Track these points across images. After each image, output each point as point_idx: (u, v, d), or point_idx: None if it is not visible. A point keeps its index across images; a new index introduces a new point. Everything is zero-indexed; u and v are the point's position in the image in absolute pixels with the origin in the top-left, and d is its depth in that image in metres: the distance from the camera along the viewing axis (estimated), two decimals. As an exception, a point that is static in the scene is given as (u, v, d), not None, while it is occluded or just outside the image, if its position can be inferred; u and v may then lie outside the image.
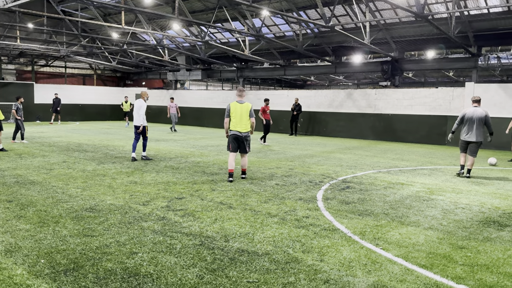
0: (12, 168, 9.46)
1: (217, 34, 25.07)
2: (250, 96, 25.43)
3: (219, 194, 7.37)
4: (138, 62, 30.55)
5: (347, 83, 43.23)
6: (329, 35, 20.91)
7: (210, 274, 3.98)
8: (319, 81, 43.52)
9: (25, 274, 3.87)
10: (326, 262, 4.33)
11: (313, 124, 22.20)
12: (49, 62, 31.07)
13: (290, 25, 21.47)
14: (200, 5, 21.71)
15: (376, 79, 37.49)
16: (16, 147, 13.39)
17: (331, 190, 7.91)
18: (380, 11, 18.42)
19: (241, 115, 8.48)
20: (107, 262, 4.18)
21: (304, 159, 12.19)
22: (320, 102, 22.03)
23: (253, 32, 19.43)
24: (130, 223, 5.49)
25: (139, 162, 10.84)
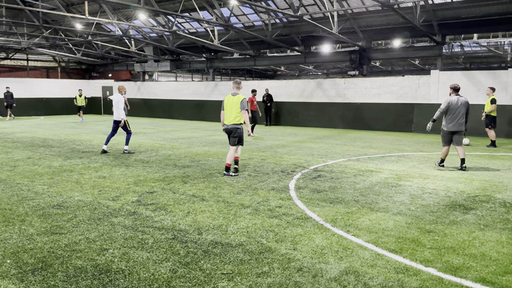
0: (-28, 166, 9.06)
1: (185, 24, 24.68)
2: (220, 87, 25.27)
3: (191, 187, 7.31)
4: (104, 54, 29.73)
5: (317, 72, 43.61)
6: (298, 24, 20.97)
7: (184, 267, 3.95)
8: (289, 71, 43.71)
9: (-10, 276, 3.73)
10: (299, 251, 4.38)
11: (284, 114, 22.30)
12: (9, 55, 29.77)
13: (259, 14, 21.38)
14: (166, -6, 21.27)
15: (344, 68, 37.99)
16: (-24, 144, 12.82)
17: (303, 179, 7.99)
18: (348, 1, 18.60)
19: (231, 108, 8.25)
20: (76, 260, 4.08)
21: (276, 149, 12.25)
22: (291, 92, 22.14)
23: (221, 22, 19.23)
24: (100, 219, 5.37)
25: (107, 156, 10.60)
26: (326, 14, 18.62)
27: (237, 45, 24.87)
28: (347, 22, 19.20)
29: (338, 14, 18.53)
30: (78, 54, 30.52)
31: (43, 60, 32.20)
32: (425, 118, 17.95)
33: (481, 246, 4.58)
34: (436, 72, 17.95)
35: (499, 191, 7.17)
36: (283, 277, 3.77)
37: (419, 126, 18.20)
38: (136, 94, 29.37)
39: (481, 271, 3.92)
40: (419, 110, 18.17)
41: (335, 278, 3.76)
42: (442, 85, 17.62)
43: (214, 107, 25.09)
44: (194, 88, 26.46)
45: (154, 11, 17.04)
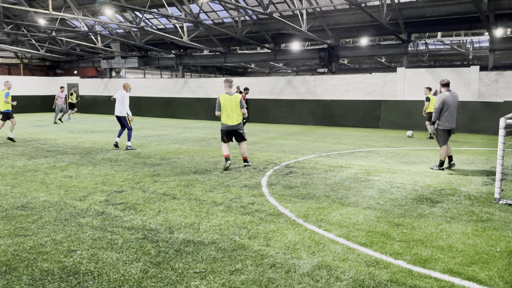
0: None
1: (153, 20, 24.25)
2: (190, 84, 25.01)
3: (162, 185, 7.19)
4: (69, 50, 28.81)
5: (287, 70, 43.88)
6: (268, 22, 21.00)
7: (155, 267, 3.87)
8: (259, 68, 43.75)
9: None
10: (272, 247, 4.38)
11: (255, 111, 22.33)
12: (-33, 50, 28.41)
13: (229, 11, 21.27)
14: (134, -11, 20.82)
15: (314, 66, 38.34)
16: None
17: (275, 176, 8.02)
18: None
19: (231, 108, 8.42)
20: (43, 262, 3.93)
21: (248, 146, 12.22)
22: (262, 89, 22.18)
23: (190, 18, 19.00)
24: (67, 220, 5.20)
25: (73, 155, 10.29)
26: (295, 12, 18.73)
27: (207, 42, 24.66)
28: (316, 20, 19.38)
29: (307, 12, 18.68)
30: (41, 50, 29.42)
31: (5, 57, 30.89)
32: (391, 114, 18.40)
33: (448, 238, 4.72)
34: (402, 70, 18.41)
35: (464, 184, 7.42)
36: (256, 273, 3.76)
37: (386, 122, 18.63)
38: (103, 91, 28.65)
39: (448, 262, 4.04)
40: (386, 106, 18.60)
41: (307, 273, 3.79)
42: (408, 82, 18.09)
43: (184, 104, 24.82)
44: (163, 85, 26.08)
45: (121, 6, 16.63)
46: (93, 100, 29.12)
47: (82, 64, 32.67)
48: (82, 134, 15.43)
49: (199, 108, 24.15)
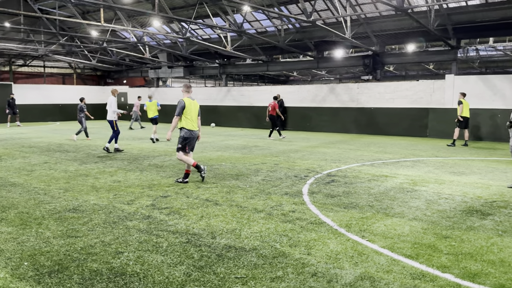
0: (-9, 170, 9.23)
1: (199, 30, 24.88)
2: (233, 92, 25.37)
3: (204, 191, 7.33)
4: (119, 60, 30.11)
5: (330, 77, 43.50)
6: (311, 30, 20.96)
7: (198, 271, 3.95)
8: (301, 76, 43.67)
9: (8, 277, 3.78)
10: (313, 256, 4.35)
11: (297, 119, 22.27)
12: (27, 62, 30.38)
13: (272, 20, 21.45)
14: (180, 1, 21.49)
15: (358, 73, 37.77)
16: (-6, 149, 13.06)
17: (316, 184, 7.95)
18: (361, 5, 18.54)
19: (195, 113, 8.01)
20: (92, 263, 4.12)
21: (289, 154, 12.22)
22: (303, 97, 22.12)
23: (234, 28, 19.34)
24: (115, 223, 5.41)
25: (122, 161, 10.71)
26: (339, 19, 18.58)
27: (249, 50, 24.97)
28: (360, 26, 19.13)
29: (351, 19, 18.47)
30: (93, 60, 30.97)
31: (59, 67, 32.75)
32: (440, 123, 17.74)
33: (499, 252, 4.48)
34: (451, 77, 17.75)
35: (518, 196, 7.03)
36: (297, 282, 3.74)
37: (434, 131, 17.98)
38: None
39: (500, 278, 3.84)
40: (434, 114, 17.96)
41: (350, 283, 3.72)
42: (457, 90, 17.40)
43: (226, 112, 25.20)
44: (207, 94, 26.62)
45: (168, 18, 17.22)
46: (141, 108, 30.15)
47: (131, 73, 34.02)
48: (130, 141, 16.02)
49: (241, 116, 24.42)
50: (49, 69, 32.11)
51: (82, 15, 25.12)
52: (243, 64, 28.02)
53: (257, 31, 22.92)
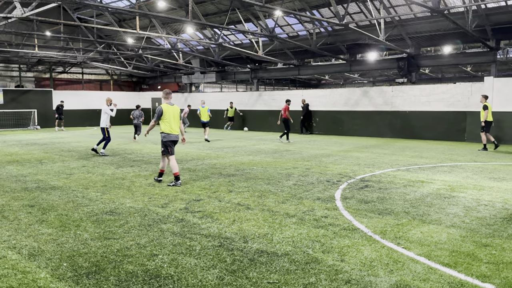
0: (33, 173, 9.64)
1: (231, 36, 25.15)
2: (264, 97, 25.43)
3: (236, 195, 7.37)
4: (153, 67, 30.84)
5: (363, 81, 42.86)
6: (343, 33, 20.76)
7: (230, 275, 3.97)
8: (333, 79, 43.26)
9: (49, 277, 3.93)
10: (347, 262, 4.28)
11: (329, 123, 22.07)
12: (66, 69, 31.62)
13: (304, 24, 21.39)
14: (213, 7, 21.81)
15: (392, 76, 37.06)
16: (36, 152, 13.64)
17: (350, 189, 7.84)
18: (395, 7, 18.22)
19: (175, 118, 8.32)
20: (128, 265, 4.22)
21: (320, 159, 12.12)
22: (336, 101, 21.90)
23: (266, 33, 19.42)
24: (150, 226, 5.53)
25: (156, 165, 10.92)
26: (373, 21, 18.32)
27: (281, 55, 24.99)
28: (395, 29, 18.77)
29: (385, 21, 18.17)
30: (129, 67, 31.88)
31: (97, 74, 33.89)
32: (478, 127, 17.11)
33: (545, 262, 4.26)
34: (490, 79, 17.10)
35: None
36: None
37: (472, 135, 17.37)
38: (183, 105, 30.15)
39: (546, 290, 3.65)
40: (472, 118, 17.35)
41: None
42: (496, 92, 16.75)
43: (258, 116, 25.28)
44: (238, 98, 26.81)
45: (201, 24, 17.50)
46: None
47: (165, 79, 34.77)
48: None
49: (273, 120, 24.43)
50: (87, 75, 33.30)
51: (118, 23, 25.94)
52: (274, 69, 28.07)
53: (289, 35, 22.92)
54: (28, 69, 29.78)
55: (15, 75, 29.34)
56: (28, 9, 13.90)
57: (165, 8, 21.84)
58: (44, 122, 27.58)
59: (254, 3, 14.24)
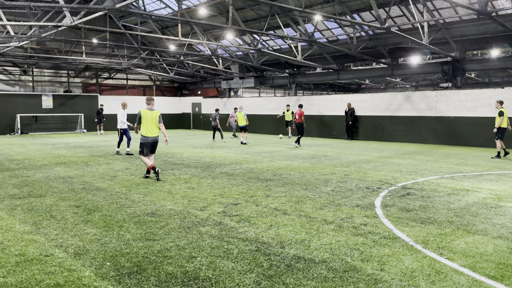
0: (79, 175, 10.08)
1: (270, 41, 25.28)
2: (303, 101, 25.32)
3: (273, 200, 7.38)
4: (194, 72, 31.50)
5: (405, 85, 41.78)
6: (385, 36, 20.35)
7: (267, 280, 3.98)
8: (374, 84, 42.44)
9: (92, 276, 4.09)
10: (387, 272, 4.18)
11: (369, 129, 21.64)
12: (111, 75, 32.88)
13: (344, 28, 21.17)
14: (252, 13, 22.03)
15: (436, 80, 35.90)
16: (82, 155, 14.25)
17: (390, 197, 7.65)
18: (439, 10, 17.67)
19: (151, 121, 9.40)
20: (168, 266, 4.32)
21: (360, 165, 11.90)
22: (376, 106, 21.45)
23: (305, 38, 19.37)
24: (189, 228, 5.64)
25: (195, 168, 11.13)
26: (416, 25, 17.85)
27: (320, 59, 24.82)
28: (439, 32, 18.20)
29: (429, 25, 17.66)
30: (171, 73, 32.73)
31: (140, 79, 35.02)
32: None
33: None
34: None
35: None
36: (369, 297, 3.62)
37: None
38: (222, 109, 30.58)
39: None
40: (523, 124, 16.45)
41: (426, 303, 3.52)
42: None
43: (297, 122, 25.17)
44: (276, 103, 26.83)
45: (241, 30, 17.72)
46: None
47: (205, 85, 35.42)
48: (203, 149, 16.63)
49: (311, 125, 24.28)
50: (131, 81, 34.49)
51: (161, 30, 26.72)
52: (313, 73, 27.91)
53: (328, 39, 22.74)
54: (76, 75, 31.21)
55: (63, 80, 30.83)
56: (77, 17, 14.60)
57: (206, 15, 22.28)
58: (90, 125, 28.75)
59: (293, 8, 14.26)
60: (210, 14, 22.52)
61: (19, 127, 25.74)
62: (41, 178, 9.63)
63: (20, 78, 28.88)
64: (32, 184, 8.81)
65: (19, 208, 6.72)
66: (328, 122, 23.35)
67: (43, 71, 29.79)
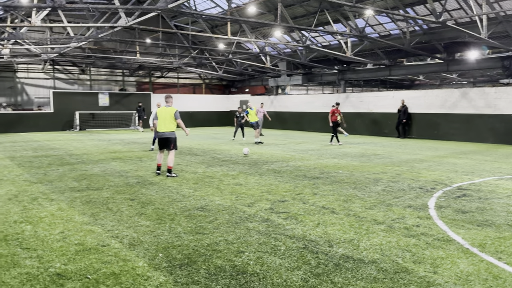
0: (134, 169, 10.52)
1: (318, 37, 24.98)
2: (352, 98, 24.82)
3: (321, 198, 7.31)
4: (242, 70, 31.79)
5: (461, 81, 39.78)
6: (440, 31, 19.48)
7: (315, 278, 3.96)
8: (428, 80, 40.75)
9: (146, 266, 4.27)
10: (440, 275, 4.02)
11: (422, 127, 20.82)
12: (163, 74, 33.93)
13: (396, 23, 20.49)
14: (301, 10, 21.87)
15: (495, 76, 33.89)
16: (136, 151, 14.84)
17: (445, 198, 7.34)
18: (499, 2, 16.65)
19: (166, 118, 9.44)
20: (217, 259, 4.42)
21: (412, 164, 11.50)
22: (431, 103, 20.59)
23: (356, 33, 18.96)
24: (237, 223, 5.72)
25: (243, 165, 11.25)
26: (474, 18, 16.94)
27: (371, 55, 24.19)
28: (499, 25, 17.15)
29: (488, 17, 16.70)
30: (220, 71, 33.24)
31: (191, 78, 35.87)
32: None
33: None
34: None
35: None
36: (421, 300, 3.50)
37: None
38: (269, 107, 30.66)
39: None
40: None
41: (484, 309, 3.35)
42: None
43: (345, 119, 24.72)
44: (324, 101, 26.49)
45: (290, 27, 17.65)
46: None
47: (252, 82, 35.66)
48: (250, 146, 16.76)
49: (360, 123, 23.76)
50: (182, 79, 35.42)
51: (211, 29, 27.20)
52: (363, 69, 27.26)
53: (380, 34, 22.12)
54: (130, 74, 32.50)
55: (119, 79, 32.21)
56: (131, 18, 15.19)
57: (255, 13, 22.39)
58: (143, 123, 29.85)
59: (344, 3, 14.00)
60: (258, 12, 22.62)
61: (78, 123, 27.20)
62: (98, 172, 10.14)
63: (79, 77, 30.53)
64: (90, 178, 9.31)
65: (78, 200, 7.12)
66: (379, 120, 22.73)
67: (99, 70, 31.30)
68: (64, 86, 29.78)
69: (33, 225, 5.62)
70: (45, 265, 4.25)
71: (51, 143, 17.84)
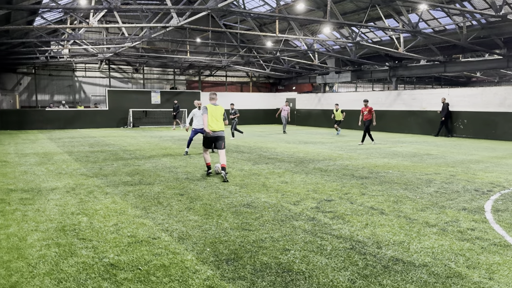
0: (183, 166, 10.81)
1: (369, 33, 24.37)
2: (404, 96, 24.01)
3: (369, 198, 7.15)
4: (289, 68, 31.67)
5: (523, 78, 37.31)
6: (500, 25, 18.37)
7: (363, 279, 3.88)
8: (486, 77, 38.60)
9: (194, 259, 4.38)
10: (497, 281, 3.81)
11: (479, 126, 19.77)
12: (212, 72, 34.55)
13: (452, 17, 19.56)
14: (351, 6, 21.43)
15: None
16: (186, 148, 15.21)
17: (503, 201, 6.93)
18: None
19: (216, 117, 8.98)
20: (263, 256, 4.45)
21: (468, 165, 10.96)
22: (488, 101, 19.50)
23: (409, 29, 18.30)
24: (283, 221, 5.73)
25: (289, 163, 11.22)
26: (539, 9, 15.83)
27: (424, 51, 23.27)
28: None
29: (556, 8, 15.54)
30: (267, 69, 33.33)
31: (238, 76, 36.27)
32: None
33: None
34: None
35: None
36: (475, 308, 3.34)
37: None
38: (316, 105, 30.35)
39: None
40: None
41: (545, 321, 3.14)
42: None
43: (395, 117, 23.99)
44: (374, 98, 25.80)
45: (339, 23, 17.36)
46: (308, 113, 31.15)
47: (299, 80, 35.45)
48: (297, 144, 16.69)
49: (412, 121, 22.95)
50: (230, 78, 35.89)
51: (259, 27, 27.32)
52: (416, 66, 26.28)
53: (434, 29, 21.23)
54: (181, 73, 33.39)
55: (170, 78, 33.19)
56: (183, 18, 15.58)
57: (304, 10, 22.22)
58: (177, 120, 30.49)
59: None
60: (307, 9, 22.42)
61: (131, 120, 28.33)
62: (150, 167, 10.52)
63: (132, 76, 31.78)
64: (142, 173, 9.68)
65: (131, 194, 7.43)
66: (433, 119, 21.84)
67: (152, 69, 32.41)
68: (118, 85, 31.12)
69: (89, 217, 5.94)
70: (99, 255, 4.48)
71: (106, 139, 18.72)
